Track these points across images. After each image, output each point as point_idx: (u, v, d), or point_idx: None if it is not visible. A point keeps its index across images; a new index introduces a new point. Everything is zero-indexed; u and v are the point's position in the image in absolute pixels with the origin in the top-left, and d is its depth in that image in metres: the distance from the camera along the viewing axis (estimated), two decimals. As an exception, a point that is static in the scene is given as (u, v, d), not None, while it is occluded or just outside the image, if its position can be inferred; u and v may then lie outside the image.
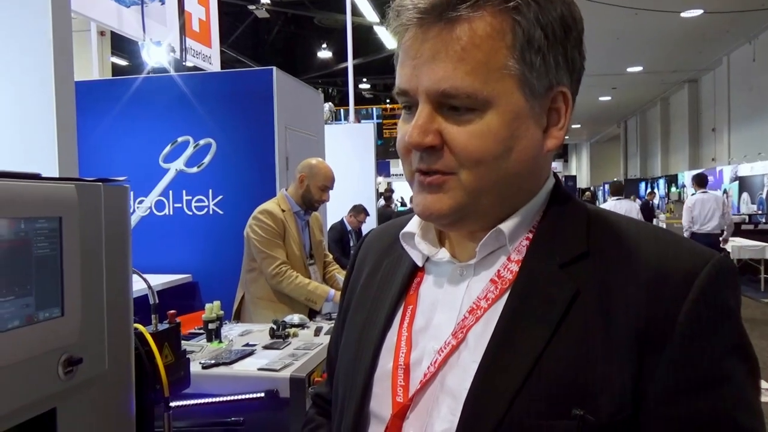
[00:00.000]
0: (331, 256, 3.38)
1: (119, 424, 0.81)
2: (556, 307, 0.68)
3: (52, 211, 0.65)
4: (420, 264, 0.82)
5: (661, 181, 16.72)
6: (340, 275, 3.12)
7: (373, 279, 0.88)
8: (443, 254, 0.79)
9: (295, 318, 2.11)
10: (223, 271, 3.91)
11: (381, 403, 0.78)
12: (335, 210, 6.62)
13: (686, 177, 13.55)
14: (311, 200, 3.02)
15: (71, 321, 0.67)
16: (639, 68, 12.56)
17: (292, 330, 1.96)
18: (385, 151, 14.59)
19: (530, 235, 0.74)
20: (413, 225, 0.81)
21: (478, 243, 0.74)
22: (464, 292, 0.76)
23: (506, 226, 0.73)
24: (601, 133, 24.32)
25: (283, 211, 3.01)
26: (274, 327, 1.93)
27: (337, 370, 0.89)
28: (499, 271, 0.74)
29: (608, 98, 16.17)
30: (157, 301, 1.28)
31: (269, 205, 3.04)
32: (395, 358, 0.78)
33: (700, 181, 7.32)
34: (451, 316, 0.75)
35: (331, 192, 3.12)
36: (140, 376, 0.95)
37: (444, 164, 0.69)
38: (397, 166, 16.39)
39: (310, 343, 1.84)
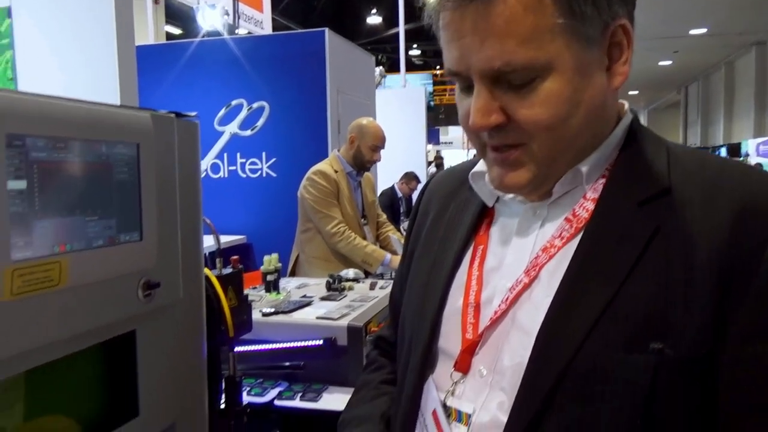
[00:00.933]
0: (384, 216, 3.39)
1: (193, 351, 0.84)
2: (635, 245, 0.66)
3: (130, 136, 0.67)
4: (490, 204, 0.82)
5: (723, 150, 16.07)
6: (394, 235, 3.13)
7: (440, 221, 0.88)
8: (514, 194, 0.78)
9: (351, 273, 2.14)
10: (277, 232, 3.98)
11: (450, 340, 0.79)
12: (386, 176, 6.63)
13: (750, 145, 12.95)
14: (362, 160, 3.02)
15: (149, 246, 0.70)
16: (703, 30, 11.97)
17: (348, 284, 1.98)
18: (435, 119, 14.46)
19: (607, 173, 0.73)
20: (483, 164, 0.81)
21: (552, 186, 0.73)
22: (537, 232, 0.75)
23: (583, 165, 0.71)
24: (659, 100, 23.45)
25: (336, 171, 3.03)
26: (330, 281, 1.96)
27: (404, 310, 0.90)
28: (574, 209, 0.73)
29: (668, 63, 15.52)
30: (220, 246, 1.32)
31: (322, 165, 3.06)
32: (465, 296, 0.78)
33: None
34: (524, 255, 0.75)
35: (382, 152, 3.13)
36: (206, 316, 0.98)
37: (514, 138, 0.68)
38: (446, 134, 16.22)
39: (366, 296, 1.87)
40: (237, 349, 1.36)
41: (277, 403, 1.46)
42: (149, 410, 0.75)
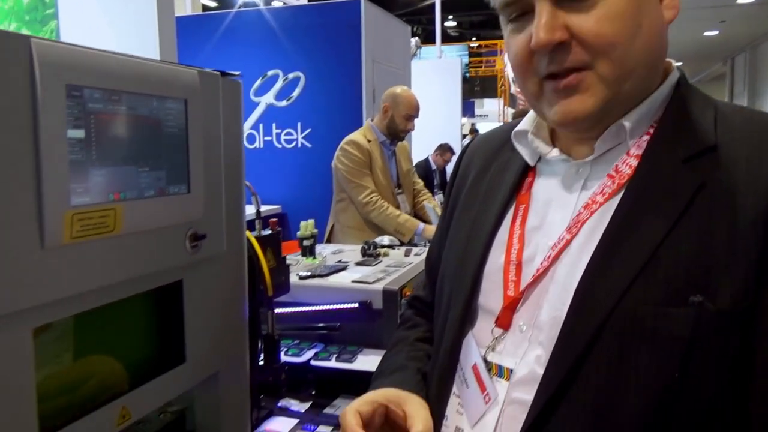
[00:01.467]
0: (421, 183, 3.39)
1: (235, 303, 0.88)
2: (678, 200, 0.66)
3: (179, 92, 0.69)
4: (532, 163, 0.82)
5: (770, 124, 15.51)
6: (429, 204, 3.14)
7: (481, 181, 0.89)
8: (557, 153, 0.79)
9: (385, 239, 2.16)
10: (312, 203, 4.03)
11: (490, 297, 0.80)
12: (420, 148, 6.62)
13: (799, 119, 12.41)
14: (396, 130, 3.02)
15: (196, 198, 0.72)
16: (752, -1, 11.51)
17: (383, 250, 2.01)
18: (470, 91, 14.28)
19: (651, 130, 0.72)
20: (526, 123, 0.81)
21: (595, 141, 0.73)
22: (580, 190, 0.75)
23: (627, 120, 0.71)
24: (704, 72, 22.69)
25: (369, 141, 3.04)
26: (366, 247, 1.99)
27: (443, 268, 0.92)
28: (617, 165, 0.73)
29: (715, 33, 14.99)
30: (260, 208, 1.35)
31: (355, 135, 3.07)
32: (507, 255, 0.79)
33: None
34: (566, 214, 0.75)
35: (416, 123, 3.12)
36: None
37: (577, 59, 0.68)
38: (481, 107, 16.00)
39: (401, 261, 1.89)
40: (275, 310, 1.40)
41: (313, 363, 1.50)
42: (195, 358, 0.78)
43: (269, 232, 1.37)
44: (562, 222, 0.75)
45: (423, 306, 1.06)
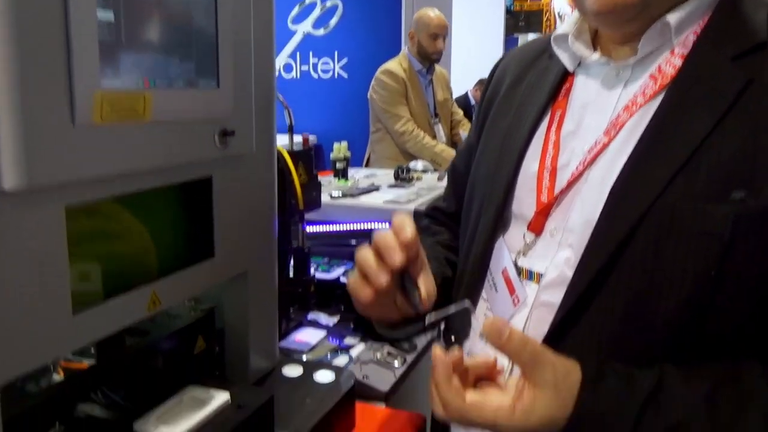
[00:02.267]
0: (461, 114, 3.35)
1: (265, 204, 0.89)
2: (724, 96, 0.64)
3: (208, -19, 0.68)
4: (571, 68, 0.80)
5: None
6: (465, 133, 3.10)
7: (516, 89, 0.87)
8: (598, 56, 0.76)
9: (419, 164, 2.16)
10: (348, 134, 4.01)
11: (524, 204, 0.80)
12: (460, 83, 6.47)
13: None
14: (426, 53, 2.96)
15: (225, 94, 0.72)
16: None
17: (416, 174, 2.00)
18: (514, 26, 13.80)
19: (698, 30, 0.69)
20: (567, 26, 0.78)
21: (638, 42, 0.70)
22: (620, 93, 0.73)
23: (673, 17, 0.68)
24: None
25: (405, 70, 2.99)
26: (399, 171, 1.99)
27: (473, 176, 0.91)
28: (659, 65, 0.70)
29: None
30: (292, 122, 1.35)
31: (390, 64, 3.02)
32: (541, 161, 0.78)
33: None
34: (604, 117, 0.73)
35: (456, 57, 3.05)
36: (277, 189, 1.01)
37: None
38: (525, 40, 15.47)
39: (434, 185, 1.89)
40: (306, 228, 1.42)
41: (342, 280, 1.53)
42: (224, 254, 0.80)
43: (301, 148, 1.38)
44: (599, 126, 0.73)
45: (443, 216, 1.06)
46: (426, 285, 0.72)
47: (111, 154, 0.59)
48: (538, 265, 0.76)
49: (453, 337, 0.67)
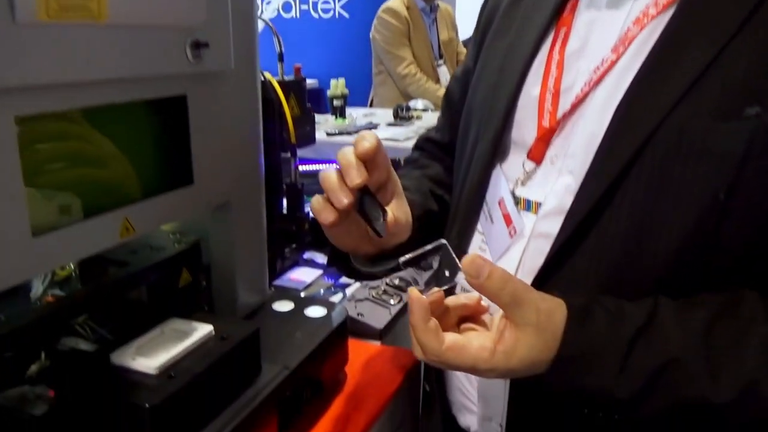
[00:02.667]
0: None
1: (247, 129, 0.83)
2: (743, 7, 0.58)
3: None
4: None
5: None
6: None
7: (517, 5, 0.81)
8: None
9: (419, 103, 2.09)
10: (350, 77, 3.91)
11: (523, 130, 0.75)
12: (466, 22, 6.28)
13: None
14: None
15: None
16: None
17: (416, 113, 1.94)
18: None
19: None
20: None
21: None
22: (630, 5, 0.67)
23: None
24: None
25: (408, 8, 2.89)
26: (399, 109, 1.92)
27: (470, 101, 0.86)
28: None
29: None
30: (282, 50, 1.28)
31: (393, 2, 2.92)
32: (543, 83, 0.72)
33: None
34: (612, 33, 0.67)
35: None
36: (266, 122, 0.96)
37: None
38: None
39: (434, 124, 1.83)
40: (300, 167, 1.37)
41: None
42: (204, 181, 0.76)
43: (293, 78, 1.32)
44: (607, 42, 0.67)
45: (435, 148, 1.01)
46: (395, 211, 0.67)
47: (63, 58, 0.53)
48: (537, 194, 0.71)
49: (447, 272, 0.63)
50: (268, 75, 1.19)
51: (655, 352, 0.57)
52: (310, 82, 4.34)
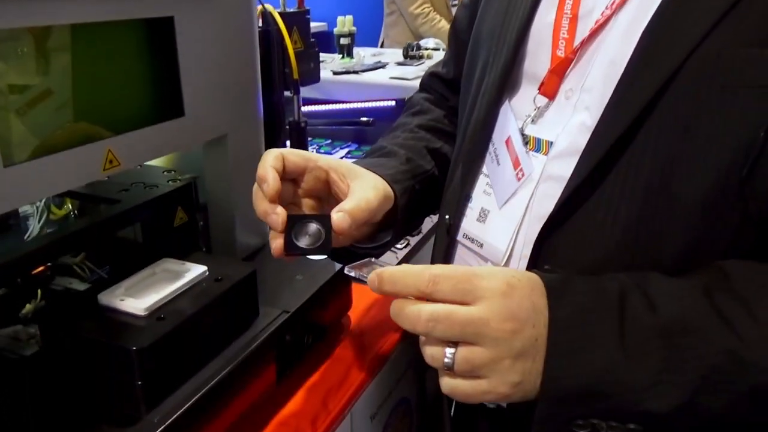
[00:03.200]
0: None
1: (243, 60, 0.78)
2: None
3: None
4: None
5: None
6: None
7: None
8: None
9: (431, 42, 2.00)
10: (360, 19, 3.79)
11: (536, 61, 0.68)
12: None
13: None
14: None
15: None
16: None
17: (426, 52, 1.86)
18: None
19: None
20: None
21: None
22: None
23: None
24: None
25: (422, -58, 2.76)
26: (408, 48, 1.84)
27: (477, 30, 0.79)
28: None
29: None
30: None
31: (407, -63, 2.79)
32: (559, 7, 0.65)
33: None
34: None
35: None
36: (265, 55, 0.90)
37: None
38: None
39: (445, 63, 1.75)
40: (304, 108, 1.31)
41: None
42: (195, 113, 0.71)
43: (296, 10, 1.25)
44: None
45: (440, 85, 0.95)
46: (352, 201, 0.65)
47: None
48: (549, 133, 0.65)
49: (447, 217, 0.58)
50: (268, 6, 1.12)
51: (655, 310, 0.52)
52: (318, 25, 4.21)
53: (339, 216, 0.62)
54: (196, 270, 0.67)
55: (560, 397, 0.52)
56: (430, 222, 1.26)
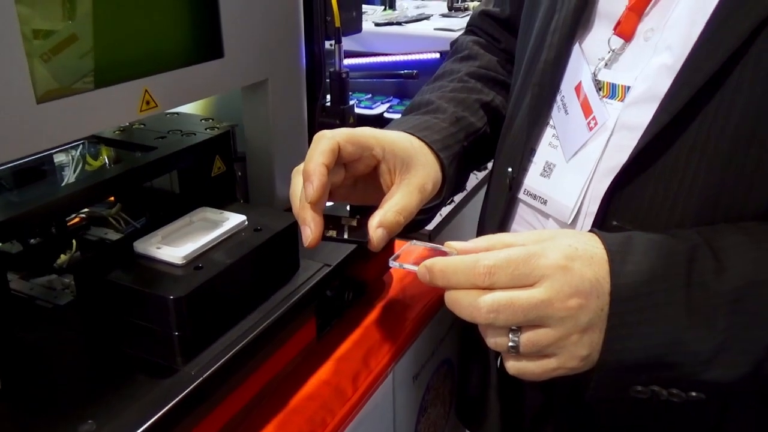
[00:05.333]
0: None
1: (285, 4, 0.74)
2: None
3: None
4: None
5: None
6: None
7: None
8: None
9: (477, -7, 1.93)
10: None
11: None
12: None
13: None
14: None
15: None
16: None
17: (472, 3, 1.79)
18: None
19: None
20: None
21: None
22: None
23: None
24: None
25: None
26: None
27: None
28: None
29: None
30: None
31: None
32: None
33: None
34: None
35: None
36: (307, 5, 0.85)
37: None
38: None
39: (492, 15, 1.68)
40: (345, 61, 1.26)
41: (386, 115, 1.40)
42: (235, 55, 0.67)
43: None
44: None
45: (493, 26, 0.88)
46: (400, 199, 0.60)
47: None
48: (625, 77, 0.60)
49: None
50: (310, -52, 1.07)
51: (719, 270, 0.48)
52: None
53: (377, 233, 0.58)
54: (235, 219, 0.65)
55: (620, 368, 0.49)
56: (474, 179, 1.21)
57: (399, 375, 0.73)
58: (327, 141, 0.57)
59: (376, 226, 0.58)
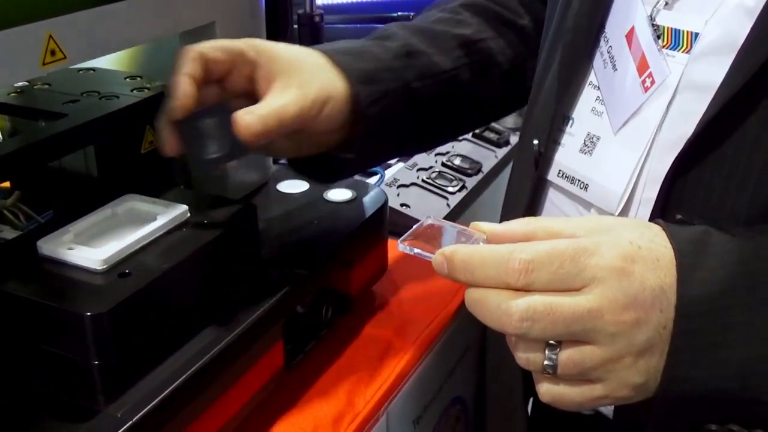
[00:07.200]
0: None
1: None
2: None
3: None
4: None
5: None
6: None
7: None
8: None
9: None
10: None
11: None
12: None
13: None
14: None
15: None
16: None
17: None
18: None
19: None
20: None
21: None
22: None
23: None
24: None
25: None
26: None
27: None
28: None
29: None
30: None
31: None
32: None
33: None
34: None
35: None
36: None
37: None
38: None
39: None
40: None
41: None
42: None
43: None
44: None
45: None
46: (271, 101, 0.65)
47: None
48: (690, 20, 0.61)
49: None
50: None
51: None
52: None
53: (244, 119, 0.62)
54: (172, 211, 0.65)
55: (684, 402, 0.50)
56: (494, 157, 1.23)
57: (395, 418, 0.74)
58: (188, 51, 0.64)
59: (243, 113, 0.63)
